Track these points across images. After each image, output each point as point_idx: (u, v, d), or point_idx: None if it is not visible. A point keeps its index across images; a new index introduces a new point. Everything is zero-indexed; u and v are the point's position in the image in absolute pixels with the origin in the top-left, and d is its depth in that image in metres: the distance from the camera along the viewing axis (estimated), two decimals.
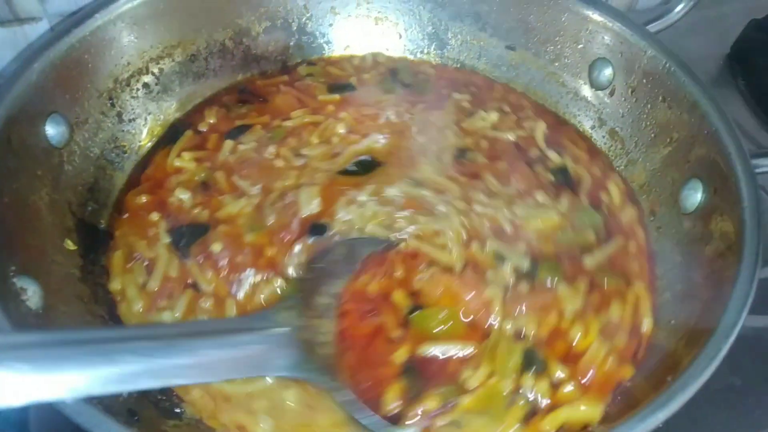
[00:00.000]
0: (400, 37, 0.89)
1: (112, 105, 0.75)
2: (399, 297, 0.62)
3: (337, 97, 0.82)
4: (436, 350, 0.58)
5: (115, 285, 0.64)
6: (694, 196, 0.64)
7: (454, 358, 0.58)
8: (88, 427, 0.45)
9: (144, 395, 0.57)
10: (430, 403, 0.55)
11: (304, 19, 0.86)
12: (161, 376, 0.46)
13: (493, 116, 0.80)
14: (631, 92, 0.75)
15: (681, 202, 0.66)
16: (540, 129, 0.79)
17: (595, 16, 0.76)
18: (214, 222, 0.68)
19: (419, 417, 0.54)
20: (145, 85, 0.78)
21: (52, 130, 0.67)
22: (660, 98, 0.71)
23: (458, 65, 0.89)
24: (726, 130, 0.61)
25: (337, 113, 0.80)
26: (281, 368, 0.54)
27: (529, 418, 0.56)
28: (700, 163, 0.65)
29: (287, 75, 0.85)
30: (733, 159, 0.59)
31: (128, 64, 0.76)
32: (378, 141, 0.76)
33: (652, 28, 0.77)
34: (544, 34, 0.81)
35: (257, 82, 0.84)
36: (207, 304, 0.63)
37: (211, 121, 0.79)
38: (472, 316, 0.61)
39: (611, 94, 0.77)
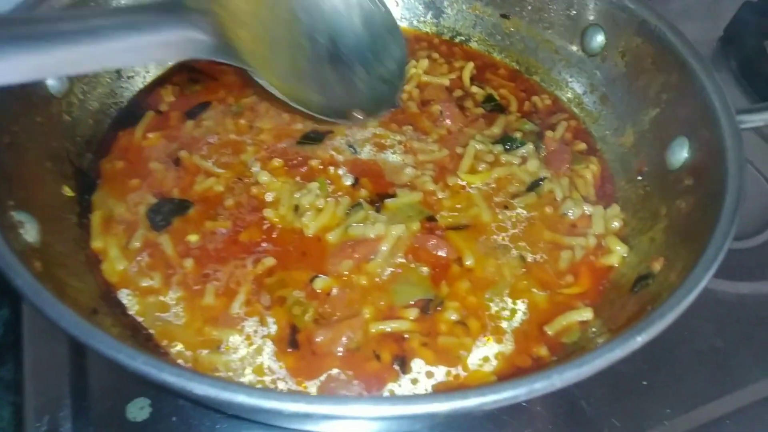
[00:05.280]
0: (397, 5, 0.90)
1: None
2: None
3: None
4: None
5: (96, 243, 0.65)
6: (680, 153, 0.66)
7: None
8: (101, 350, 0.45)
9: (135, 335, 0.59)
10: None
11: None
12: (87, 62, 0.48)
13: (424, 63, 0.85)
14: (622, 57, 0.76)
15: (668, 160, 0.67)
16: (468, 69, 0.85)
17: None
18: (189, 200, 0.69)
19: None
20: None
21: (52, 80, 0.68)
22: (650, 61, 0.72)
23: (454, 34, 0.90)
24: (713, 88, 0.63)
25: None
26: (201, 51, 0.55)
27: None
28: (687, 121, 0.66)
29: None
30: (718, 114, 0.61)
31: None
32: None
33: None
34: (537, 2, 0.83)
35: (202, 61, 0.83)
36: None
37: (170, 100, 0.79)
38: None
39: (603, 60, 0.79)
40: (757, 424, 0.67)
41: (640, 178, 0.72)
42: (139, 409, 0.62)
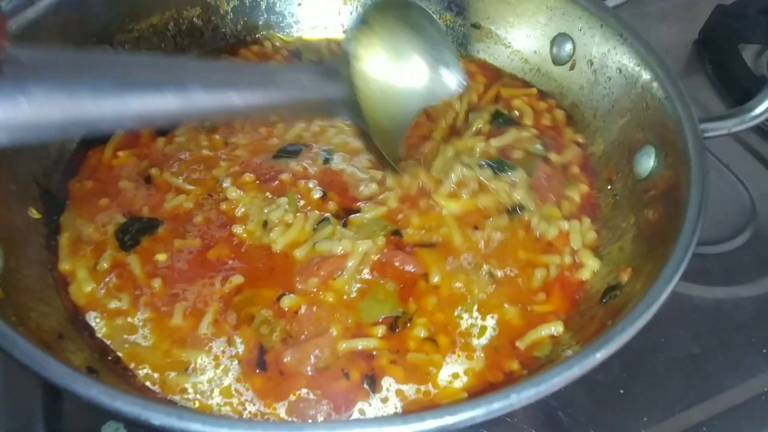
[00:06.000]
0: None
1: None
2: None
3: None
4: None
5: (64, 265, 0.64)
6: (647, 161, 0.66)
7: None
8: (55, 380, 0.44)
9: (102, 357, 0.58)
10: None
11: None
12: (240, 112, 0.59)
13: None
14: (590, 65, 0.77)
15: (635, 169, 0.68)
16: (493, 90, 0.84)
17: None
18: (159, 219, 0.68)
19: None
20: None
21: None
22: (617, 69, 0.72)
23: None
24: (677, 97, 0.63)
25: None
26: (346, 114, 0.66)
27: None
28: (653, 129, 0.66)
29: None
30: (682, 123, 0.61)
31: (96, 41, 0.76)
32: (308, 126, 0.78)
33: (610, 2, 0.79)
34: (507, 12, 0.83)
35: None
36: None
37: None
38: None
39: (571, 68, 0.79)
40: (734, 430, 0.67)
41: (609, 187, 0.72)
42: (113, 431, 0.62)
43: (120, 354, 0.59)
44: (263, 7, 0.87)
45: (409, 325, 0.61)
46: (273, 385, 0.56)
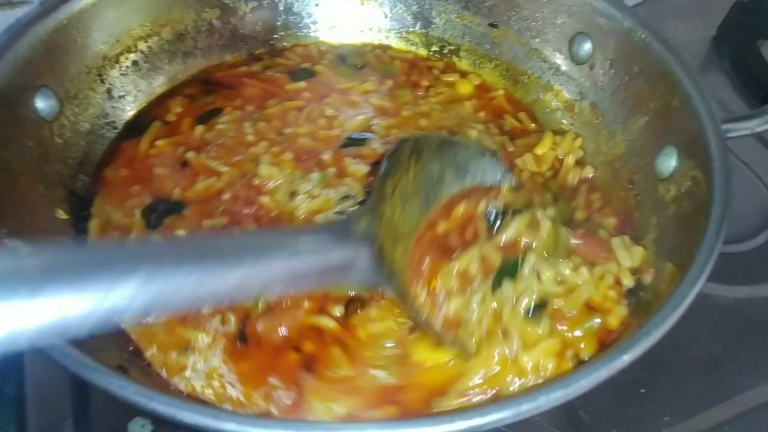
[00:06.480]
0: (386, 16, 0.90)
1: (102, 81, 0.76)
2: None
3: (303, 84, 0.83)
4: None
5: None
6: (669, 162, 0.65)
7: None
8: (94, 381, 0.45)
9: (127, 352, 0.59)
10: None
11: None
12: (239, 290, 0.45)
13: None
14: (610, 65, 0.76)
15: (657, 169, 0.67)
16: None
17: None
18: (187, 200, 0.69)
19: None
20: (134, 63, 0.80)
21: (42, 104, 0.68)
22: (637, 69, 0.72)
23: (443, 44, 0.90)
24: (698, 97, 0.63)
25: (318, 98, 0.81)
26: (362, 279, 0.53)
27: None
28: (674, 130, 0.66)
29: (247, 66, 0.85)
30: (704, 124, 0.61)
31: (117, 41, 0.77)
32: (371, 119, 0.78)
33: (629, 1, 0.79)
34: (525, 11, 0.83)
35: (217, 74, 0.84)
36: None
37: (178, 111, 0.79)
38: None
39: (591, 68, 0.78)
40: (755, 430, 0.67)
41: (630, 186, 0.72)
42: (140, 427, 0.62)
43: (132, 336, 0.59)
44: (281, 8, 0.88)
45: (359, 311, 0.58)
46: (257, 366, 0.56)
